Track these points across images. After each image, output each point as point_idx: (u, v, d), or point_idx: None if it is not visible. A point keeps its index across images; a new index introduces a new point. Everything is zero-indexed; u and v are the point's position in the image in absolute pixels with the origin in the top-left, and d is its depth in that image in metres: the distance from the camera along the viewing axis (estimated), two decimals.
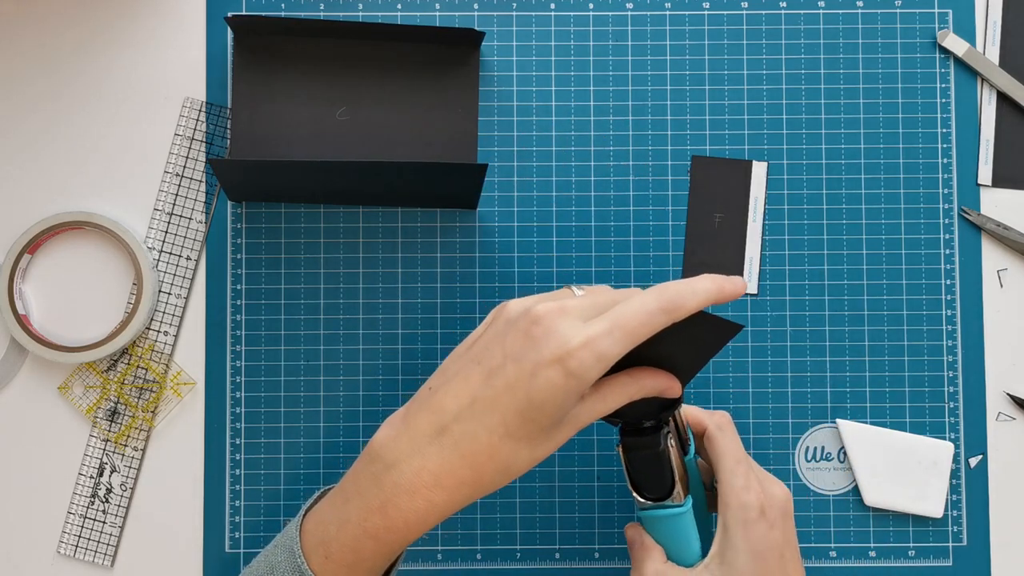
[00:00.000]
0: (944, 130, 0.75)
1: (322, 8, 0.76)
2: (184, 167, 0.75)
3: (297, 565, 0.56)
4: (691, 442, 0.63)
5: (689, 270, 0.75)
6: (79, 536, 0.74)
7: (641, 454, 0.60)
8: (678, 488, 0.61)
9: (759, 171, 0.75)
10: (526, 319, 0.53)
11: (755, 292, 0.75)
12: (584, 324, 0.53)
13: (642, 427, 0.60)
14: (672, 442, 0.60)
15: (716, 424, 0.63)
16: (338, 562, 0.55)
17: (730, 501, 0.60)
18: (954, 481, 0.74)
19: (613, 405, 0.56)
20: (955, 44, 0.75)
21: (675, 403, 0.60)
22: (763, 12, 0.76)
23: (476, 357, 0.55)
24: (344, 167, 0.69)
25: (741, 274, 0.74)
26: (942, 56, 0.76)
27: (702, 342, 0.58)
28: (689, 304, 0.54)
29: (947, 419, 0.74)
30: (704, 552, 0.61)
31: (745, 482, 0.60)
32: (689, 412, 0.64)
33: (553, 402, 0.52)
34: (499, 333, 0.54)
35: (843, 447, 0.74)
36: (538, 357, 0.52)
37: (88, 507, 0.74)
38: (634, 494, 0.62)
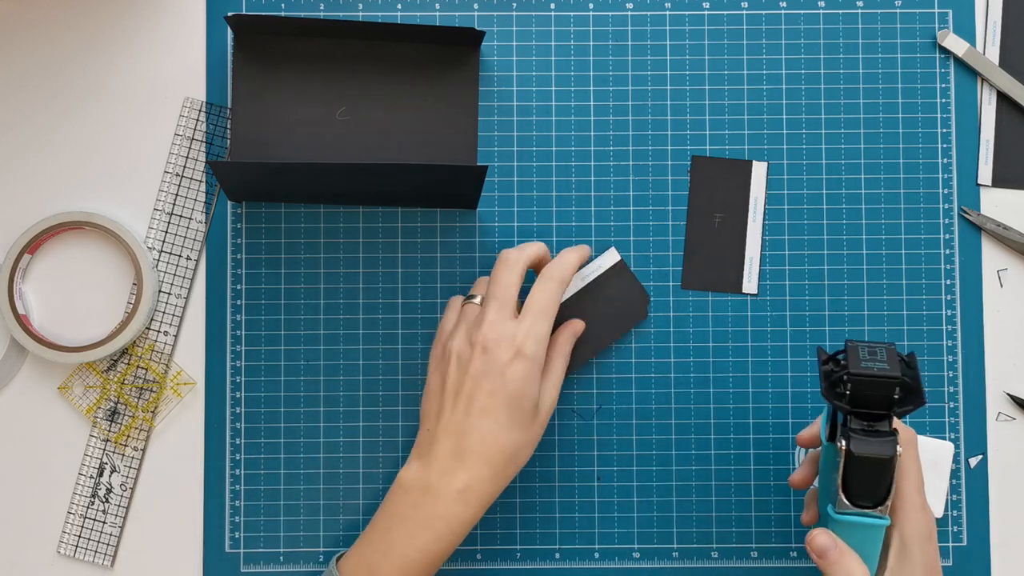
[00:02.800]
0: (944, 130, 0.75)
1: (322, 8, 0.76)
2: (184, 167, 0.75)
3: None
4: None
5: (689, 271, 0.75)
6: (79, 536, 0.74)
7: (868, 458, 0.57)
8: (891, 499, 0.58)
9: (759, 171, 0.75)
10: (476, 348, 0.65)
11: (755, 292, 0.75)
12: (514, 322, 0.66)
13: (874, 429, 0.58)
14: (900, 450, 0.58)
15: (906, 439, 0.62)
16: None
17: (912, 518, 0.60)
18: (954, 481, 0.74)
19: (560, 370, 0.69)
20: (955, 44, 0.75)
21: (915, 404, 0.58)
22: (763, 12, 0.76)
23: (452, 392, 0.66)
24: (344, 169, 0.69)
25: (741, 274, 0.74)
26: (942, 56, 0.76)
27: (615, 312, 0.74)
28: (567, 273, 0.69)
29: (947, 419, 0.74)
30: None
31: (923, 501, 0.61)
32: None
33: (525, 387, 0.66)
34: (458, 370, 0.66)
35: None
36: (500, 362, 0.65)
37: (88, 507, 0.74)
38: (841, 496, 0.59)
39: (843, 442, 0.58)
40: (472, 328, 0.67)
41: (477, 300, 0.69)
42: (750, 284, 0.74)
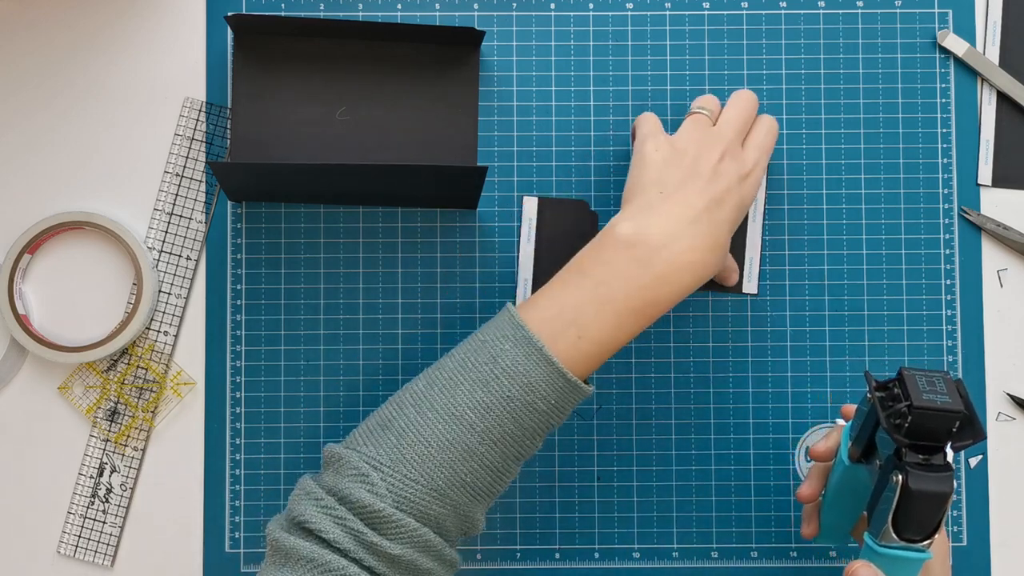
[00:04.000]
0: (944, 130, 0.75)
1: (322, 8, 0.76)
2: (184, 167, 0.75)
3: (538, 350, 0.61)
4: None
5: None
6: (79, 536, 0.74)
7: (927, 494, 0.55)
8: (938, 534, 0.57)
9: None
10: (730, 149, 0.67)
11: (755, 292, 0.75)
12: (746, 151, 0.68)
13: (932, 463, 0.56)
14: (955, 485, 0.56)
15: None
16: (593, 340, 0.62)
17: (938, 542, 0.59)
18: (954, 481, 0.74)
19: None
20: (955, 44, 0.75)
21: (976, 435, 0.56)
22: (763, 12, 0.76)
23: (697, 172, 0.65)
24: (344, 169, 0.69)
25: (741, 274, 0.74)
26: (942, 56, 0.76)
27: None
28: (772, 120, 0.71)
29: None
30: None
31: (942, 524, 0.60)
32: None
33: (749, 203, 0.67)
34: (710, 152, 0.66)
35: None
36: (740, 172, 0.66)
37: (88, 507, 0.74)
38: (889, 529, 0.56)
39: (899, 476, 0.56)
40: (718, 133, 0.67)
41: (706, 114, 0.69)
42: (750, 284, 0.74)
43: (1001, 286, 0.75)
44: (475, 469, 0.61)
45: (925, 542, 0.56)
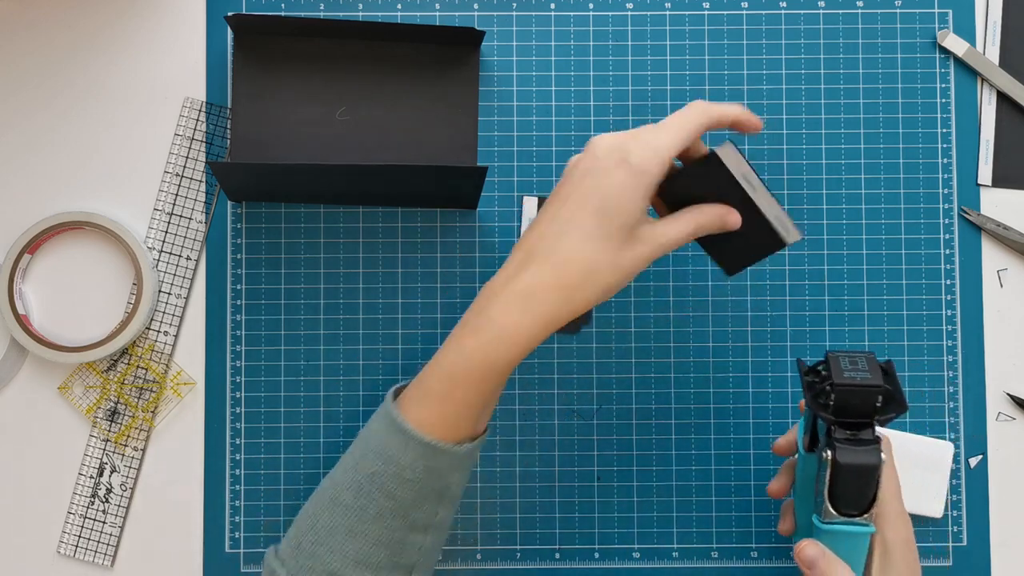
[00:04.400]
0: (944, 130, 0.75)
1: (322, 8, 0.76)
2: (184, 167, 0.75)
3: (389, 415, 0.60)
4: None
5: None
6: (79, 536, 0.74)
7: (854, 467, 0.58)
8: (875, 507, 0.59)
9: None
10: (590, 145, 0.60)
11: (799, 237, 0.75)
12: (635, 132, 0.60)
13: (859, 438, 0.58)
14: (885, 458, 0.58)
15: (883, 446, 0.62)
16: (433, 396, 0.59)
17: (892, 523, 0.60)
18: (954, 481, 0.74)
19: (683, 229, 0.60)
20: (955, 44, 0.75)
21: (897, 410, 0.58)
22: (763, 12, 0.76)
23: (556, 194, 0.60)
24: (344, 170, 0.69)
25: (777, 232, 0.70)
26: (942, 56, 0.76)
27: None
28: (721, 110, 0.61)
29: (947, 419, 0.74)
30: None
31: (902, 508, 0.61)
32: None
33: (623, 197, 0.58)
34: (571, 167, 0.60)
35: None
36: (604, 164, 0.58)
37: (88, 507, 0.74)
38: (827, 505, 0.59)
39: (828, 452, 0.58)
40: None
41: None
42: (788, 234, 0.65)
43: (1001, 286, 0.75)
44: (363, 547, 0.60)
45: (864, 516, 0.59)
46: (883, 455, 0.58)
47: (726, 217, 0.62)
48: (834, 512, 0.59)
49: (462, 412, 0.59)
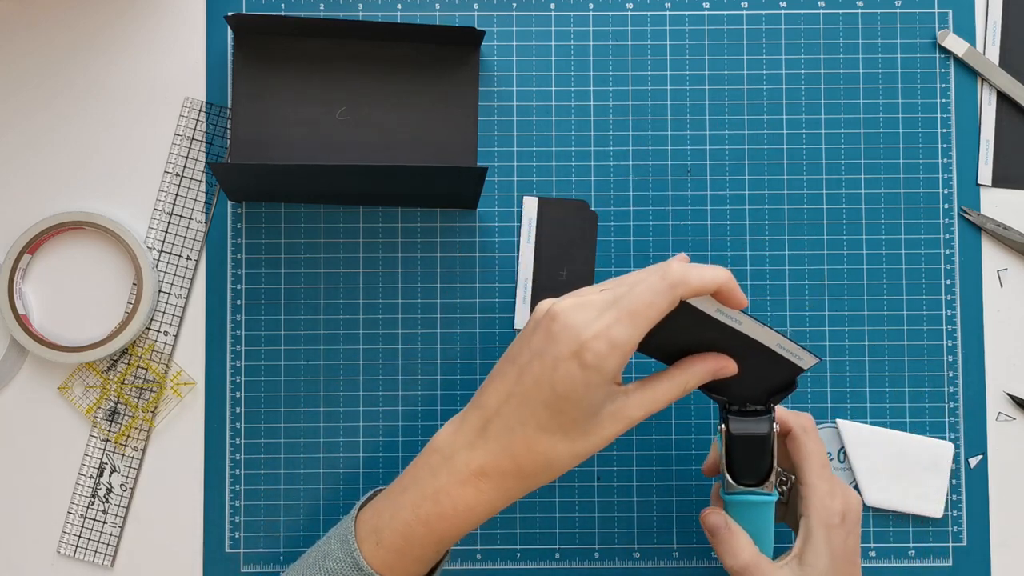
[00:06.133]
0: (944, 130, 0.75)
1: (322, 8, 0.76)
2: (184, 167, 0.75)
3: (350, 552, 0.59)
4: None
5: None
6: (79, 536, 0.74)
7: (745, 437, 0.60)
8: (773, 476, 0.61)
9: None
10: (547, 317, 0.56)
11: (816, 360, 0.75)
12: (597, 316, 0.54)
13: (748, 409, 0.61)
14: (776, 428, 0.61)
15: (801, 426, 0.64)
16: (388, 548, 0.59)
17: (815, 504, 0.61)
18: (954, 481, 0.74)
19: (663, 397, 0.57)
20: (955, 44, 0.75)
21: (787, 389, 0.60)
22: (763, 12, 0.76)
23: (511, 356, 0.58)
24: (344, 170, 0.69)
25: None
26: (942, 56, 0.76)
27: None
28: (692, 281, 0.55)
29: (947, 419, 0.74)
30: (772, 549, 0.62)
31: (830, 487, 0.62)
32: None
33: (576, 394, 0.54)
34: (528, 332, 0.57)
35: (843, 447, 0.74)
36: (556, 352, 0.54)
37: (88, 507, 0.74)
38: (726, 476, 0.61)
39: (723, 425, 0.61)
40: (566, 297, 0.57)
41: (605, 287, 0.57)
42: (802, 360, 0.63)
43: (1001, 286, 0.75)
44: None
45: (763, 485, 0.61)
46: (775, 425, 0.60)
47: (719, 369, 0.59)
48: (734, 483, 0.61)
49: (419, 564, 0.59)
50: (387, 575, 0.59)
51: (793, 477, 0.65)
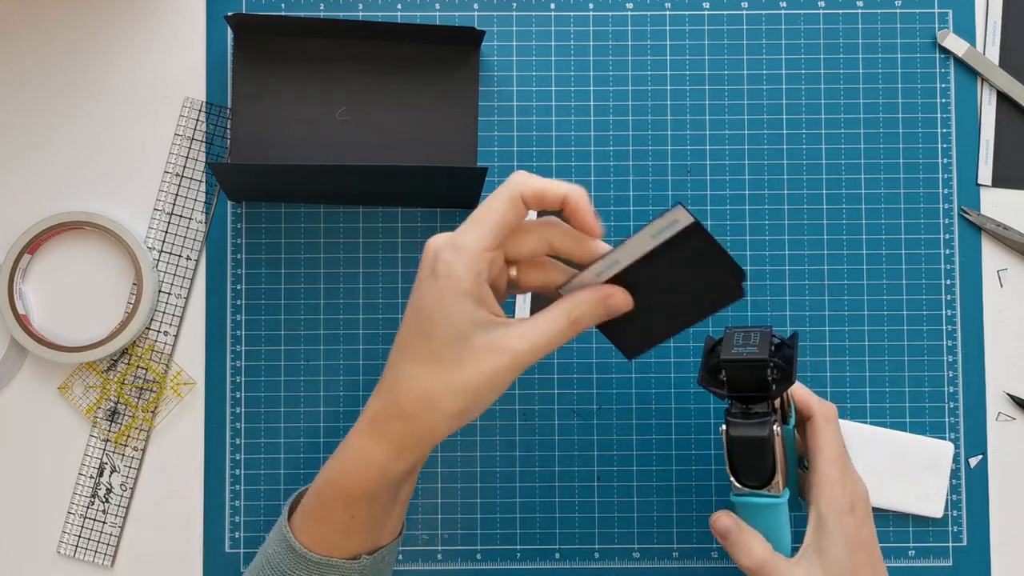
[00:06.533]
0: (944, 130, 0.75)
1: (322, 8, 0.76)
2: (184, 167, 0.75)
3: (282, 531, 0.60)
4: (792, 414, 0.64)
5: None
6: (79, 536, 0.74)
7: (744, 440, 0.60)
8: (777, 479, 0.61)
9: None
10: (423, 251, 0.56)
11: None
12: (452, 232, 0.55)
13: (750, 412, 0.61)
14: (778, 431, 0.60)
15: (824, 416, 0.64)
16: (310, 517, 0.59)
17: (826, 492, 0.61)
18: (954, 481, 0.74)
19: (548, 329, 0.55)
20: (955, 44, 0.75)
21: (787, 381, 0.60)
22: (763, 12, 0.76)
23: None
24: (344, 170, 0.69)
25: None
26: (942, 56, 0.76)
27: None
28: (534, 182, 0.55)
29: (947, 419, 0.74)
30: (792, 546, 0.62)
31: (841, 476, 0.62)
32: (799, 393, 0.65)
33: (433, 308, 0.54)
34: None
35: None
36: (420, 274, 0.55)
37: (88, 507, 0.74)
38: (731, 478, 0.62)
39: (724, 427, 0.61)
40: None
41: None
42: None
43: (1001, 286, 0.75)
44: None
45: (767, 487, 0.61)
46: (776, 428, 0.60)
47: (606, 297, 0.56)
48: (739, 485, 0.62)
49: (340, 532, 0.58)
50: (316, 549, 0.59)
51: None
